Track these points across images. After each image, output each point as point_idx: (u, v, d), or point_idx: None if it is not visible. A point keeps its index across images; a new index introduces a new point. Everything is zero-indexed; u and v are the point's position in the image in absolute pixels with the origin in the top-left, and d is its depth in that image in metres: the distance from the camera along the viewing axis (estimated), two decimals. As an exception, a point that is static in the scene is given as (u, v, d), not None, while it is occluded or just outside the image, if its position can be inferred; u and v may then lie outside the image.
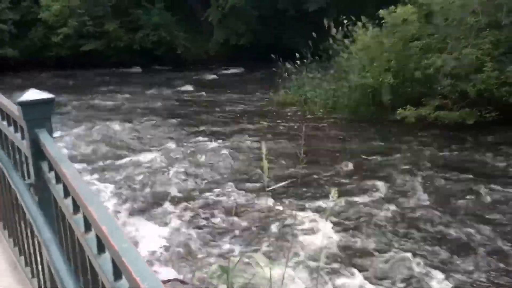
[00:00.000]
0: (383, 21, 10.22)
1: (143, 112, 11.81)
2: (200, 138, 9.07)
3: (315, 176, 6.89)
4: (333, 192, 2.10)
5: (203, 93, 14.63)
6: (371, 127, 9.69)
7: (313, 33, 11.63)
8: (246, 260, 4.25)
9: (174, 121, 10.64)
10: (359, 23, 10.68)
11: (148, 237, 5.08)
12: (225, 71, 19.70)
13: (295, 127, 9.83)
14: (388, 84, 9.63)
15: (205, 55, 21.96)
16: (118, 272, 1.17)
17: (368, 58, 10.41)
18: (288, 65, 12.30)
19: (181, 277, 4.27)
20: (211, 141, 8.85)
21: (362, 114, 10.42)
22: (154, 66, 20.29)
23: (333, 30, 11.21)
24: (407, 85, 10.24)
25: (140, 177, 6.92)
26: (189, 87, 15.82)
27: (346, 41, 11.10)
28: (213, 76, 18.62)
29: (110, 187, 6.62)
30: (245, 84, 16.29)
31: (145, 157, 7.96)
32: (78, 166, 7.05)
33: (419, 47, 9.72)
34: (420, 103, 9.35)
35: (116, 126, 9.83)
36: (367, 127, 9.75)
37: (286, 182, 4.82)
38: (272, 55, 12.41)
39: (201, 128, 10.03)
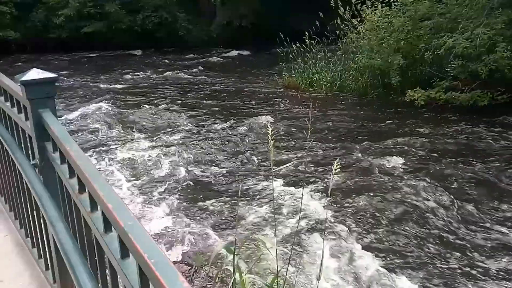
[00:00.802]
0: (392, 0, 10.06)
1: (145, 95, 11.77)
2: (204, 121, 9.05)
3: (321, 158, 6.88)
4: (335, 165, 2.08)
5: (206, 76, 14.55)
6: (379, 110, 9.60)
7: (319, 13, 11.46)
8: (252, 241, 4.28)
9: (176, 104, 10.60)
10: (368, 2, 10.49)
11: (151, 219, 5.09)
12: (228, 54, 19.53)
13: (301, 109, 9.78)
14: (398, 65, 9.50)
15: (207, 37, 21.76)
16: (125, 250, 1.17)
17: (376, 39, 10.26)
18: (293, 47, 12.15)
19: (186, 258, 4.30)
20: (215, 123, 8.82)
21: (370, 96, 10.32)
22: (155, 49, 20.15)
23: (341, 10, 11.02)
24: (416, 66, 10.10)
25: (143, 158, 6.93)
26: (191, 70, 15.73)
27: (354, 21, 10.93)
28: (216, 59, 18.48)
29: (112, 168, 6.64)
30: (249, 66, 16.18)
31: (147, 139, 7.96)
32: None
33: (429, 27, 9.55)
34: (429, 84, 9.22)
35: (119, 109, 9.81)
36: (374, 109, 9.66)
37: (292, 163, 4.82)
38: (281, 34, 12.20)
39: (205, 111, 9.99)
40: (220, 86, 12.94)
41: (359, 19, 10.84)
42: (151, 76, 14.60)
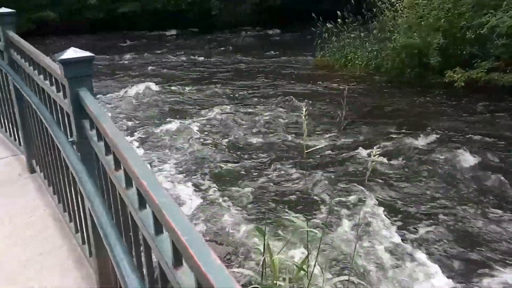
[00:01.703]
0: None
1: (180, 75, 11.85)
2: (239, 101, 9.05)
3: (356, 139, 6.79)
4: (375, 151, 2.04)
5: (239, 56, 14.49)
6: (416, 90, 9.33)
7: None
8: (283, 222, 4.29)
9: (211, 84, 10.63)
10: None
11: (182, 197, 5.16)
12: (259, 33, 19.33)
13: (335, 89, 9.64)
14: (437, 45, 9.17)
15: (239, 17, 21.56)
16: (159, 226, 1.18)
17: (415, 17, 9.92)
18: (328, 26, 11.91)
19: (217, 237, 4.35)
20: (249, 103, 8.81)
21: (407, 77, 10.05)
22: (189, 29, 20.16)
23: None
24: (457, 46, 9.73)
25: (175, 139, 7.01)
26: (224, 50, 15.69)
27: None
28: (249, 38, 18.34)
29: (145, 148, 6.76)
30: (283, 46, 15.98)
31: (182, 120, 8.03)
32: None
33: (471, 4, 9.13)
34: (470, 65, 8.85)
35: (154, 88, 9.93)
36: (412, 90, 9.40)
37: (325, 144, 4.77)
38: (313, 14, 11.97)
39: (239, 91, 9.98)
40: (254, 66, 12.87)
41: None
42: (185, 57, 14.66)
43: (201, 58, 14.28)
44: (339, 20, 11.56)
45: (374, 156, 2.05)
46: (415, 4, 9.99)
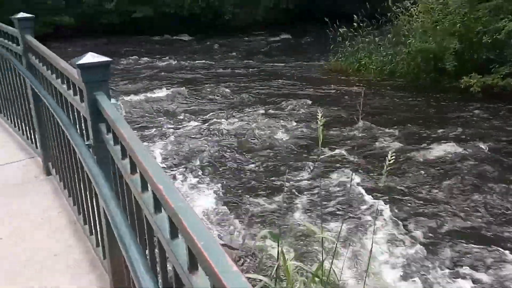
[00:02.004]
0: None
1: (193, 79, 11.91)
2: (252, 106, 9.05)
3: (372, 144, 6.74)
4: (389, 156, 2.03)
5: (253, 60, 14.52)
6: (431, 96, 9.26)
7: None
8: (297, 228, 4.26)
9: (224, 88, 10.67)
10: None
11: (195, 202, 5.17)
12: (273, 38, 19.36)
13: (349, 94, 9.59)
14: (453, 49, 9.10)
15: (253, 20, 21.62)
16: (174, 231, 1.18)
17: (430, 21, 9.86)
18: (341, 30, 11.87)
19: (231, 242, 4.35)
20: (262, 108, 8.81)
21: (422, 82, 10.00)
22: (201, 33, 20.28)
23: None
24: (473, 51, 9.65)
25: (191, 141, 7.03)
26: (238, 54, 15.73)
27: (407, 2, 10.56)
28: (263, 43, 18.37)
29: (158, 150, 6.79)
30: (296, 50, 15.99)
31: (194, 123, 8.06)
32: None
33: (488, 9, 9.05)
34: (487, 70, 8.78)
35: (167, 92, 9.99)
36: (427, 95, 9.32)
37: (340, 150, 4.75)
38: (326, 19, 11.96)
39: (252, 95, 9.99)
40: (267, 71, 12.88)
41: (411, 0, 10.44)
42: (197, 62, 14.74)
43: (213, 62, 14.34)
44: (354, 24, 11.53)
45: (390, 161, 2.03)
46: (430, 9, 9.93)
